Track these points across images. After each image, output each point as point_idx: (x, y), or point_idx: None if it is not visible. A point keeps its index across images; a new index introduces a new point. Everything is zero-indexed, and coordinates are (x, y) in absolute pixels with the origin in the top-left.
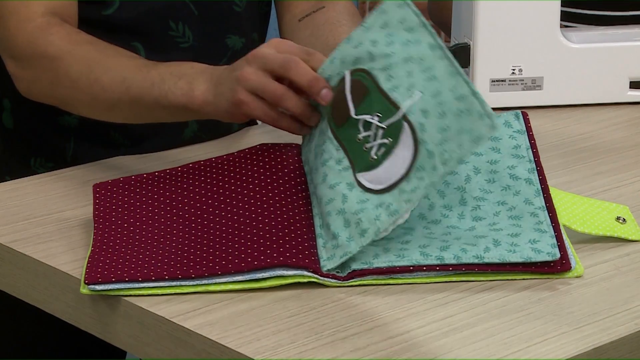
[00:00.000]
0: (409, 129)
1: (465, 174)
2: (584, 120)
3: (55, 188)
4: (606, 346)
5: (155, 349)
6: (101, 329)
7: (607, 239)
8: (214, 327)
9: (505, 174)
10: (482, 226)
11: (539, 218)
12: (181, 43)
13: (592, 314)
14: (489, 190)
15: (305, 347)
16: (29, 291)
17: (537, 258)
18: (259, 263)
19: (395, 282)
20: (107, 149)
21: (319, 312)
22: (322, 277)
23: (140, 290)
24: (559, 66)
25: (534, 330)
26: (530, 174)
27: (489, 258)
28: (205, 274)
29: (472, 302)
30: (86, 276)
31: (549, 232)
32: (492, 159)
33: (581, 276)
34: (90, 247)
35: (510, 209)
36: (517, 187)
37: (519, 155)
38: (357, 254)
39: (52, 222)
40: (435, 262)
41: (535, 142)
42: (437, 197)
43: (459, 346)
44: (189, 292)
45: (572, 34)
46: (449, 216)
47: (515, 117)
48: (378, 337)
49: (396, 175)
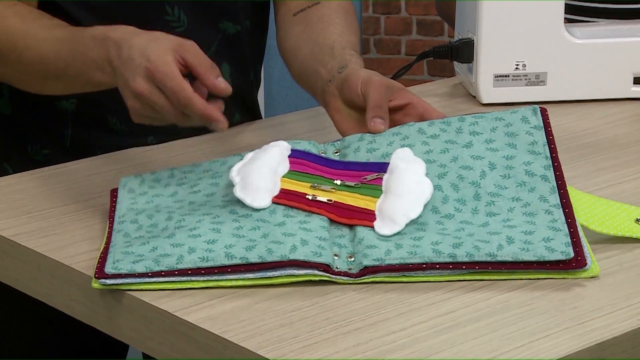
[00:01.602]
0: None
1: (481, 170)
2: (587, 116)
3: (58, 182)
4: (609, 342)
5: (158, 343)
6: (104, 322)
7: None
8: (217, 321)
9: (520, 170)
10: (495, 222)
11: (554, 216)
12: (176, 27)
13: (595, 309)
14: (503, 186)
15: (307, 341)
16: (31, 284)
17: (550, 257)
18: (270, 262)
19: (408, 280)
20: (105, 134)
21: (321, 307)
22: (333, 276)
23: (150, 285)
24: (562, 61)
25: (536, 325)
26: (546, 171)
27: (502, 256)
28: (215, 271)
29: (474, 297)
30: (97, 271)
31: (564, 230)
32: (508, 154)
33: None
34: (103, 242)
35: (525, 206)
36: (532, 183)
37: (535, 151)
38: (368, 251)
39: (54, 215)
40: (448, 260)
41: (553, 137)
42: (451, 191)
43: (461, 341)
44: (196, 287)
45: (576, 30)
46: (462, 210)
47: (532, 112)
48: (380, 332)
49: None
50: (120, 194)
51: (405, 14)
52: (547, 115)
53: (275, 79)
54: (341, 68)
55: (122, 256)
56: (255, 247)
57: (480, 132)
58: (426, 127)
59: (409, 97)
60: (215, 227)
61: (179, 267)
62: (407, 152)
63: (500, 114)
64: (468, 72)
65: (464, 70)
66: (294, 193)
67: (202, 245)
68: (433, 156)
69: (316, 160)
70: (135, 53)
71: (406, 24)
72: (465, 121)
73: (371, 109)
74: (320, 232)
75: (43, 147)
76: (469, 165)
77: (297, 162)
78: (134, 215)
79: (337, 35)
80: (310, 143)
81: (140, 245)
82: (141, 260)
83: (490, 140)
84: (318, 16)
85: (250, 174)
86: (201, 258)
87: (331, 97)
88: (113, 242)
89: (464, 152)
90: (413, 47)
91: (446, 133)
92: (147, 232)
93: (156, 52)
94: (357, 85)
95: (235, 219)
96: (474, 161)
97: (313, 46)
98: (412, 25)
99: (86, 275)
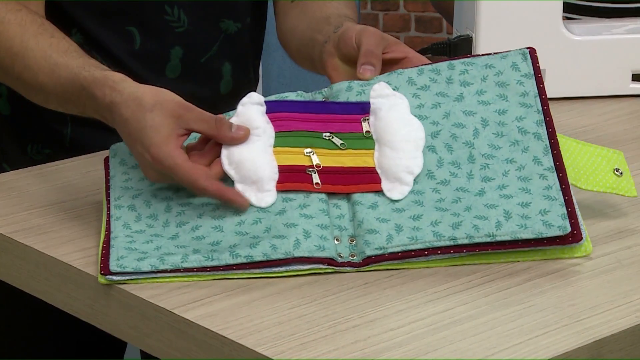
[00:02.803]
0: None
1: (474, 127)
2: (585, 113)
3: (56, 179)
4: (607, 339)
5: (156, 340)
6: (102, 319)
7: (606, 228)
8: (215, 319)
9: (513, 127)
10: (491, 190)
11: (548, 182)
12: (176, 27)
13: (593, 306)
14: (497, 145)
15: (306, 338)
16: (29, 282)
17: (548, 233)
18: (274, 260)
19: (410, 266)
20: (106, 133)
21: (319, 304)
22: (338, 267)
23: (157, 280)
24: (561, 58)
25: (535, 322)
26: (538, 127)
27: (500, 236)
28: (220, 269)
29: (472, 295)
30: (102, 266)
31: (559, 199)
32: (500, 108)
33: (589, 255)
34: (103, 229)
35: (519, 169)
36: (525, 142)
37: (527, 104)
38: (369, 237)
39: (53, 212)
40: (449, 244)
41: (544, 86)
42: (445, 152)
43: (459, 338)
44: (195, 281)
45: (575, 26)
46: (457, 175)
47: (522, 57)
48: (379, 329)
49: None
50: (112, 165)
51: (403, 11)
52: (537, 58)
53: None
54: (337, 28)
55: (126, 252)
56: (259, 243)
57: (470, 83)
58: (415, 76)
59: (405, 51)
60: (218, 224)
61: (185, 266)
62: (384, 88)
63: (490, 59)
64: None
65: None
66: (294, 169)
67: (207, 247)
68: (425, 111)
69: (295, 109)
70: (135, 143)
71: (405, 21)
72: (455, 69)
73: (362, 55)
74: (320, 218)
75: (43, 147)
76: (461, 122)
77: (277, 117)
78: (131, 199)
79: (334, 8)
80: (297, 94)
81: (143, 243)
82: (146, 258)
83: (481, 91)
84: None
85: (245, 163)
86: (206, 257)
87: (328, 57)
88: (113, 232)
89: (455, 107)
90: (411, 43)
91: (436, 84)
92: (147, 225)
93: (155, 142)
94: (352, 38)
95: (235, 212)
96: (467, 117)
97: (309, 20)
98: (410, 22)
99: (84, 272)
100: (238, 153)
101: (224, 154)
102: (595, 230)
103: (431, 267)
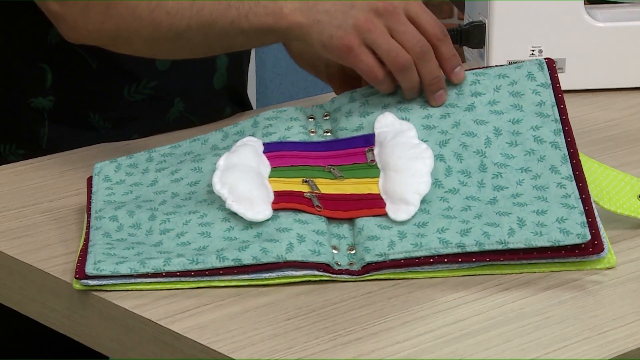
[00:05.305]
0: None
1: (485, 136)
2: (610, 107)
3: (31, 178)
4: (632, 353)
5: (140, 354)
6: (81, 332)
7: (630, 233)
8: (205, 331)
9: (528, 136)
10: (504, 198)
11: (567, 190)
12: None
13: (616, 318)
14: (511, 155)
15: (304, 352)
16: (1, 290)
17: (565, 241)
18: (265, 264)
19: (414, 276)
20: (86, 133)
21: (318, 315)
22: (334, 275)
23: (136, 286)
24: (582, 47)
25: (553, 335)
26: (556, 136)
27: (513, 243)
28: (206, 273)
29: (486, 305)
30: (77, 270)
31: (578, 207)
32: (514, 117)
33: (613, 267)
34: (82, 239)
35: (535, 178)
36: (542, 151)
37: (543, 113)
38: (369, 243)
39: (27, 215)
40: (457, 251)
41: (562, 96)
42: (455, 161)
43: (471, 352)
44: (184, 288)
45: (598, 12)
46: (467, 184)
47: (539, 67)
48: (383, 342)
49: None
50: (95, 182)
51: None
52: (555, 69)
53: (269, 66)
54: None
55: (104, 257)
56: (248, 247)
57: (482, 93)
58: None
59: None
60: (205, 230)
61: (167, 270)
62: (389, 118)
63: (504, 69)
64: (479, 59)
65: (474, 57)
66: (292, 194)
67: (192, 252)
68: (433, 122)
69: (295, 148)
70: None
71: None
72: (465, 80)
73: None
74: (316, 224)
75: (17, 147)
76: (472, 131)
77: (275, 156)
78: (113, 210)
79: None
80: (296, 109)
81: (124, 249)
82: (125, 262)
83: (493, 101)
84: None
85: (238, 184)
86: (190, 260)
87: (334, 68)
88: (92, 240)
89: (466, 117)
90: None
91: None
92: (129, 234)
93: None
94: None
95: (225, 218)
96: (478, 126)
97: None
98: None
99: (62, 280)
100: (232, 177)
101: (216, 175)
102: (618, 236)
103: (438, 278)
